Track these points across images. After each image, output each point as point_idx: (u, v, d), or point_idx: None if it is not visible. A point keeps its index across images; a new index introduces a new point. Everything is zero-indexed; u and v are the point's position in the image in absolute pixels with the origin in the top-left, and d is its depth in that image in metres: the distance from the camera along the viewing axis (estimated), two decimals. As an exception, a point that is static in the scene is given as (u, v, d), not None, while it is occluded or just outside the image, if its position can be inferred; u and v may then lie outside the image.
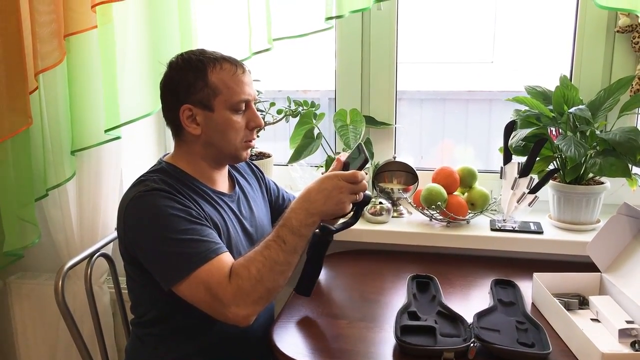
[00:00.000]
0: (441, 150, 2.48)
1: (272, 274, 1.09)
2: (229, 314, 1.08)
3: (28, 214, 1.68)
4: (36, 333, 1.91)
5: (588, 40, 1.66)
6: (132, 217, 1.17)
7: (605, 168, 1.44)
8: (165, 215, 1.13)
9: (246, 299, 1.07)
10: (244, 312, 1.08)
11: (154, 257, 1.14)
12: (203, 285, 1.08)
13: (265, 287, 1.09)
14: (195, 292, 1.09)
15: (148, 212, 1.15)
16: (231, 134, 1.25)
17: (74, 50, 1.55)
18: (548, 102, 1.60)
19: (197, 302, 1.11)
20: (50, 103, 1.60)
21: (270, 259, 1.10)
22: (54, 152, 1.62)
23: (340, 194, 1.14)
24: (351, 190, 1.14)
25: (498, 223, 1.63)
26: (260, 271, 1.08)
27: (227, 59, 1.25)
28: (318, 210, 1.13)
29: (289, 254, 1.11)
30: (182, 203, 1.16)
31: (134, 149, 1.85)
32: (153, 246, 1.13)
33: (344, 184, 1.14)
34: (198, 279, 1.09)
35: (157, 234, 1.12)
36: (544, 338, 1.09)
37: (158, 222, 1.13)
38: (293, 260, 1.12)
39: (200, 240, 1.12)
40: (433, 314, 1.21)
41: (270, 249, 1.11)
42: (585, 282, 1.31)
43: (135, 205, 1.17)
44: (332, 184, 1.14)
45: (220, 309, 1.08)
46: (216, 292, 1.07)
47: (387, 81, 1.82)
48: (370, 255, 1.65)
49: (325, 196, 1.13)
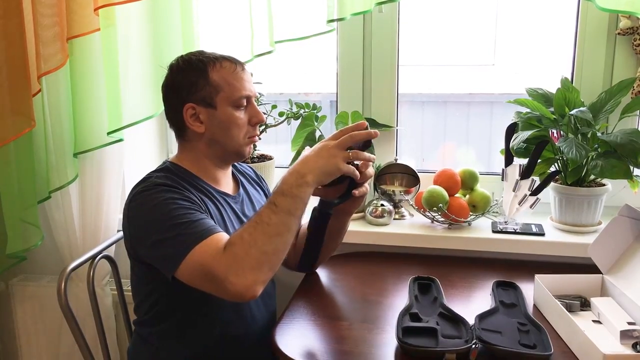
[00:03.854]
0: (442, 152, 2.49)
1: (265, 237, 1.07)
2: (229, 287, 1.04)
3: (31, 216, 1.69)
4: (38, 335, 1.92)
5: (589, 43, 1.66)
6: (133, 213, 1.19)
7: (607, 170, 1.44)
8: (163, 205, 1.14)
9: (243, 264, 1.05)
10: (243, 281, 1.04)
11: (153, 247, 1.14)
12: (199, 265, 1.07)
13: (261, 250, 1.06)
14: (194, 273, 1.08)
15: (148, 205, 1.16)
16: (234, 130, 1.26)
17: (77, 53, 1.56)
18: (549, 104, 1.60)
19: (198, 284, 1.10)
20: (53, 105, 1.60)
21: (262, 222, 1.08)
22: (57, 155, 1.63)
23: (328, 150, 1.14)
24: (340, 145, 1.14)
25: (499, 225, 1.63)
26: (252, 235, 1.07)
27: (227, 58, 1.28)
28: (309, 169, 1.12)
29: (281, 215, 1.09)
30: (181, 194, 1.17)
31: (137, 151, 1.86)
32: (152, 236, 1.13)
33: (331, 141, 1.15)
34: (193, 260, 1.08)
35: (156, 224, 1.13)
36: (545, 339, 1.09)
37: (156, 213, 1.14)
38: (288, 222, 1.10)
39: (196, 222, 1.12)
40: (434, 315, 1.21)
41: (261, 214, 1.10)
42: (586, 283, 1.31)
43: (136, 201, 1.18)
44: (319, 145, 1.16)
45: (220, 284, 1.05)
46: (211, 267, 1.06)
47: (389, 83, 1.82)
48: (371, 257, 1.65)
49: (315, 155, 1.14)
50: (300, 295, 1.39)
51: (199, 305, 1.17)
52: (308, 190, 1.13)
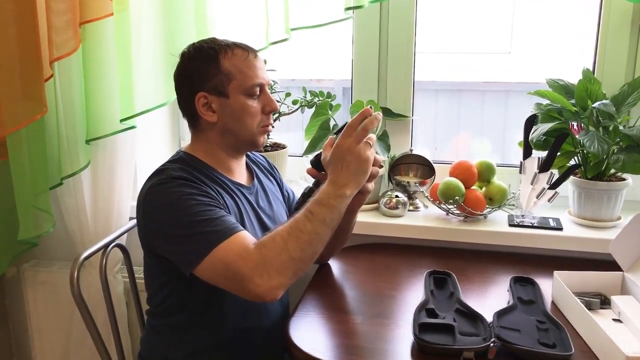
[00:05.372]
0: (457, 143, 2.45)
1: (297, 243, 1.07)
2: (253, 287, 1.04)
3: (43, 203, 1.68)
4: (49, 320, 1.92)
5: (612, 33, 1.62)
6: (150, 206, 1.17)
7: (629, 165, 1.41)
8: (183, 200, 1.12)
9: (270, 269, 1.04)
10: (267, 284, 1.04)
11: (172, 242, 1.13)
12: (222, 263, 1.06)
13: (290, 256, 1.06)
14: (216, 271, 1.08)
15: (166, 199, 1.14)
16: (247, 119, 1.24)
17: (89, 39, 1.53)
18: (570, 95, 1.56)
19: (219, 282, 1.09)
20: (65, 91, 1.58)
21: (297, 228, 1.08)
22: (69, 141, 1.61)
23: (352, 151, 1.13)
24: (359, 141, 1.13)
25: (516, 218, 1.61)
26: (285, 239, 1.07)
27: (239, 45, 1.25)
28: (347, 179, 1.13)
29: (316, 224, 1.09)
30: (199, 189, 1.15)
31: (149, 139, 1.84)
32: (171, 231, 1.12)
33: (349, 140, 1.13)
34: (217, 258, 1.07)
35: (174, 219, 1.11)
36: (565, 339, 1.07)
37: (175, 208, 1.12)
38: (322, 231, 1.10)
39: (218, 220, 1.11)
40: (451, 311, 1.19)
41: (298, 220, 1.10)
42: (606, 281, 1.29)
43: (154, 194, 1.16)
44: (340, 150, 1.14)
45: (243, 283, 1.05)
46: (236, 266, 1.05)
47: (405, 72, 1.79)
48: (385, 249, 1.63)
49: (346, 163, 1.13)
50: (313, 288, 1.38)
51: (213, 299, 1.16)
52: (346, 201, 1.13)
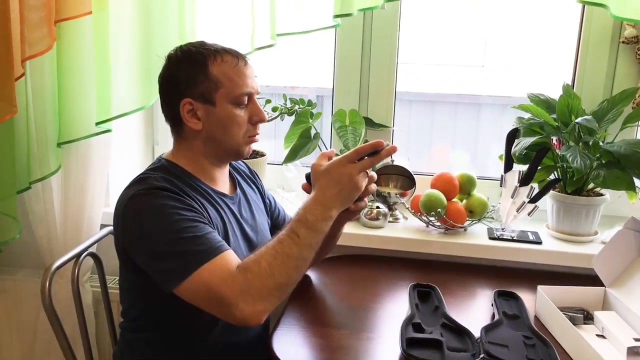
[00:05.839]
0: (434, 154, 2.46)
1: (284, 268, 1.04)
2: (237, 312, 1.01)
3: (9, 207, 1.59)
4: (11, 332, 1.83)
5: (592, 50, 1.64)
6: (130, 217, 1.11)
7: (610, 180, 1.43)
8: (166, 214, 1.07)
9: (255, 294, 1.01)
10: (252, 309, 1.01)
11: (154, 258, 1.07)
12: (205, 285, 1.02)
13: (277, 282, 1.03)
14: (198, 293, 1.03)
15: (148, 212, 1.08)
16: (234, 128, 1.19)
17: (65, 37, 1.47)
18: (551, 110, 1.57)
19: (200, 304, 1.05)
20: (37, 92, 1.51)
21: (283, 252, 1.05)
22: (39, 144, 1.54)
23: (351, 179, 1.11)
24: (360, 169, 1.12)
25: (496, 232, 1.61)
26: (271, 265, 1.03)
27: (229, 51, 1.20)
28: (335, 203, 1.11)
29: (303, 248, 1.06)
30: (183, 202, 1.10)
31: (122, 143, 1.78)
32: (153, 247, 1.07)
33: (351, 166, 1.11)
34: (200, 279, 1.02)
35: (158, 235, 1.06)
36: (552, 355, 1.06)
37: (157, 222, 1.07)
38: (308, 256, 1.08)
39: (202, 238, 1.06)
40: (437, 326, 1.17)
41: (283, 243, 1.06)
42: (589, 296, 1.29)
43: (135, 205, 1.10)
44: (339, 172, 1.11)
45: (226, 308, 1.01)
46: (219, 290, 1.01)
47: (387, 82, 1.78)
48: (364, 261, 1.61)
49: (340, 187, 1.11)
50: (295, 300, 1.34)
51: (193, 316, 1.10)
52: (330, 223, 1.11)
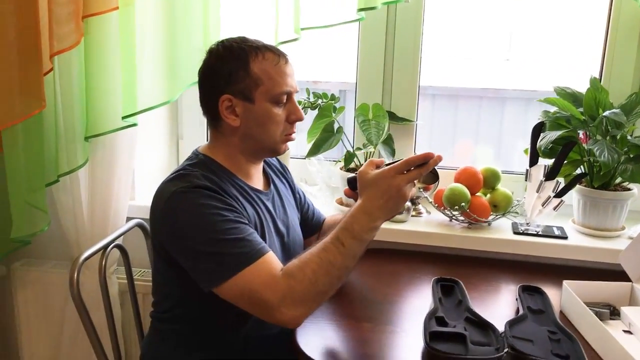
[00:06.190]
0: (458, 149, 2.44)
1: (327, 277, 1.05)
2: (278, 316, 1.03)
3: (38, 200, 1.63)
4: (39, 321, 1.87)
5: (621, 42, 1.61)
6: (172, 214, 1.11)
7: (638, 175, 1.41)
8: (209, 215, 1.08)
9: (297, 300, 1.03)
10: (293, 314, 1.04)
11: (195, 257, 1.09)
12: (247, 288, 1.04)
13: (319, 290, 1.05)
14: (239, 294, 1.05)
15: (191, 211, 1.09)
16: (271, 127, 1.20)
17: (92, 33, 1.49)
18: (577, 104, 1.55)
19: (240, 304, 1.07)
20: (65, 87, 1.54)
21: (327, 261, 1.05)
22: (67, 138, 1.57)
23: (399, 191, 1.11)
24: (408, 181, 1.11)
25: (521, 226, 1.59)
26: (315, 273, 1.04)
27: (270, 48, 1.21)
28: (382, 214, 1.11)
29: (347, 258, 1.07)
30: (224, 202, 1.11)
31: (147, 137, 1.80)
32: (194, 246, 1.08)
33: (400, 178, 1.11)
34: (242, 281, 1.04)
35: (200, 234, 1.07)
36: (578, 350, 1.05)
37: (201, 222, 1.08)
38: (350, 265, 1.09)
39: (244, 241, 1.07)
40: (461, 320, 1.17)
41: (328, 251, 1.06)
42: (615, 291, 1.28)
43: (177, 202, 1.11)
44: (387, 184, 1.10)
45: (267, 311, 1.04)
46: (262, 294, 1.03)
47: (411, 76, 1.78)
48: (388, 255, 1.61)
49: (387, 198, 1.10)
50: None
51: (227, 311, 1.11)
52: (375, 233, 1.12)
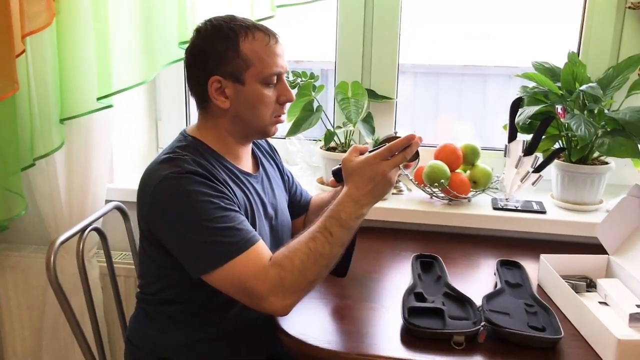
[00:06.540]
0: (439, 125, 2.44)
1: (315, 266, 1.05)
2: (266, 305, 1.03)
3: (14, 185, 1.60)
4: (21, 306, 1.85)
5: (598, 16, 1.61)
6: (162, 200, 1.09)
7: (615, 148, 1.41)
8: (199, 202, 1.07)
9: (286, 290, 1.03)
10: (282, 303, 1.04)
11: (184, 244, 1.08)
12: (236, 277, 1.04)
13: (307, 280, 1.05)
14: (229, 282, 1.05)
15: (181, 197, 1.07)
16: (262, 108, 1.18)
17: (64, 12, 1.45)
18: (555, 78, 1.55)
19: (229, 292, 1.06)
20: (38, 68, 1.50)
21: (316, 250, 1.05)
22: (42, 120, 1.54)
23: (385, 177, 1.09)
24: (393, 166, 1.10)
25: (500, 202, 1.60)
26: (304, 263, 1.04)
27: (260, 28, 1.18)
28: (368, 201, 1.10)
29: (334, 246, 1.06)
30: (215, 189, 1.10)
31: (125, 118, 1.78)
32: (184, 233, 1.07)
33: (384, 164, 1.09)
34: (232, 270, 1.04)
35: (190, 221, 1.06)
36: (554, 322, 1.07)
37: (191, 209, 1.07)
38: (338, 253, 1.08)
39: (234, 229, 1.06)
40: (439, 295, 1.18)
41: (316, 240, 1.06)
42: (591, 264, 1.29)
43: (168, 187, 1.09)
44: (372, 170, 1.09)
45: (256, 300, 1.04)
46: (252, 284, 1.03)
47: (390, 53, 1.77)
48: (368, 233, 1.60)
49: (373, 185, 1.09)
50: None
51: (215, 295, 1.11)
52: (361, 220, 1.11)
